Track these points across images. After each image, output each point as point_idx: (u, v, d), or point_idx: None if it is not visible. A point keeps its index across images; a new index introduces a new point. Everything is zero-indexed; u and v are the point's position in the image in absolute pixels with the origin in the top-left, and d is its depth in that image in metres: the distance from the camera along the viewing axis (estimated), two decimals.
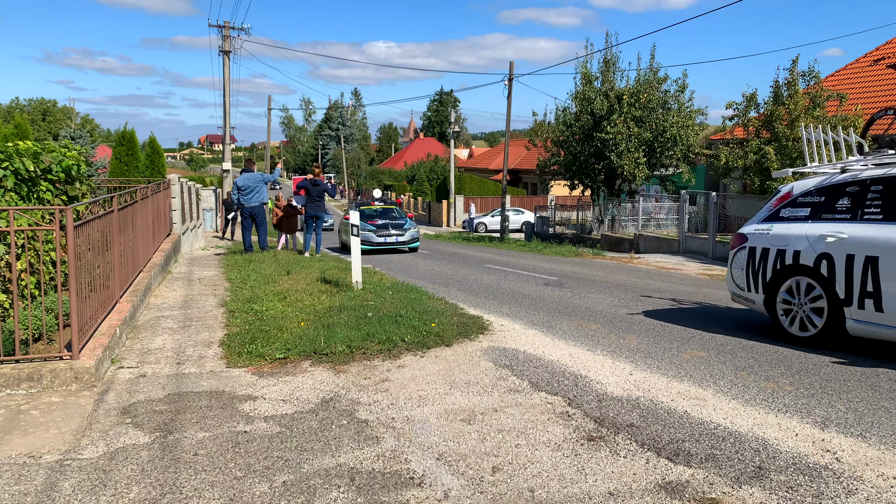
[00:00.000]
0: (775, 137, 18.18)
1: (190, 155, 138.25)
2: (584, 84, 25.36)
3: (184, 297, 9.62)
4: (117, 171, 23.62)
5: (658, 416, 4.60)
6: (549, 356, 6.28)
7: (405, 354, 6.25)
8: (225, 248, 18.12)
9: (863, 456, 3.91)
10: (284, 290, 9.39)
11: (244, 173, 15.01)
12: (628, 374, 5.66)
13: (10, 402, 4.91)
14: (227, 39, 30.88)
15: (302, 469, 3.79)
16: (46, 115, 79.97)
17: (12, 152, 7.02)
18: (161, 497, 3.46)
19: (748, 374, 5.67)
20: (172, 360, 6.14)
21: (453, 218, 46.58)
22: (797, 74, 18.67)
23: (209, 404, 4.91)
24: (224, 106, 31.24)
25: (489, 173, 59.72)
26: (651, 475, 3.68)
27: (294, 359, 6.09)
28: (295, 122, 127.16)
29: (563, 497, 3.45)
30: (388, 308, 8.04)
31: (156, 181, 14.95)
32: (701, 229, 20.09)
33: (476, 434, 4.31)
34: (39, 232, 5.86)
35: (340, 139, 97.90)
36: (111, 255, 7.14)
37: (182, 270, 12.76)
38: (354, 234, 9.99)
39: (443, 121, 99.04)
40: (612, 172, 24.67)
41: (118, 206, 7.69)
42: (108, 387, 5.32)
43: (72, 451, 4.07)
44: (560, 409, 4.80)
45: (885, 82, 22.84)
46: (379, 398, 5.04)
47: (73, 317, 5.32)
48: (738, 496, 3.42)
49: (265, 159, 56.98)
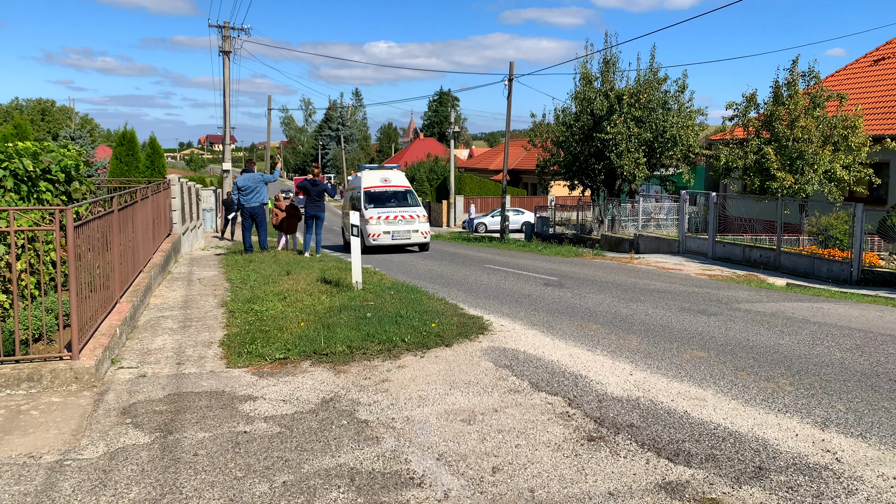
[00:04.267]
0: (775, 138, 18.16)
1: (190, 155, 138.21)
2: (583, 84, 25.34)
3: (184, 297, 9.62)
4: (117, 172, 23.61)
5: (658, 417, 4.60)
6: (550, 356, 6.27)
7: (405, 355, 6.25)
8: (225, 249, 18.12)
9: (863, 456, 3.91)
10: (284, 290, 9.39)
11: (244, 173, 15.02)
12: (628, 375, 5.66)
13: (10, 402, 4.91)
14: (227, 40, 30.88)
15: (302, 469, 3.79)
16: (46, 115, 79.91)
17: (12, 152, 7.02)
18: (161, 497, 3.46)
19: (748, 374, 5.67)
20: (172, 361, 6.14)
21: (453, 218, 46.58)
22: (797, 74, 18.66)
23: (209, 404, 4.91)
24: (224, 106, 31.24)
25: (489, 173, 59.71)
26: (651, 475, 3.68)
27: (294, 359, 6.08)
28: (295, 122, 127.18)
29: (564, 497, 3.45)
30: (389, 308, 8.04)
31: (156, 181, 14.95)
32: (701, 229, 20.08)
33: (476, 434, 4.31)
34: (39, 232, 5.86)
35: (340, 139, 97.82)
36: (111, 255, 7.14)
37: (182, 270, 12.76)
38: (354, 234, 9.98)
39: (443, 121, 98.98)
40: (612, 173, 24.66)
41: (118, 207, 7.69)
42: (108, 387, 5.32)
43: (72, 451, 4.07)
44: (560, 409, 4.80)
45: (885, 82, 22.84)
46: (379, 398, 5.04)
47: (73, 317, 5.32)
48: (738, 496, 3.42)
49: (265, 159, 57.00)
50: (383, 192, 20.58)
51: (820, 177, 17.72)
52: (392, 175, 21.48)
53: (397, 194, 20.79)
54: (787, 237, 16.55)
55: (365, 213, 19.43)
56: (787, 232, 16.72)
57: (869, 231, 15.02)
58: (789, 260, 15.79)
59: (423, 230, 19.71)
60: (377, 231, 19.26)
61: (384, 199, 20.34)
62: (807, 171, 17.54)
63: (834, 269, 14.63)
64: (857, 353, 6.42)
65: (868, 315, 8.71)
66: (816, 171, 17.50)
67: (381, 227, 19.28)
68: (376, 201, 20.15)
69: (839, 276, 14.40)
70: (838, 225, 15.42)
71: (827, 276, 14.62)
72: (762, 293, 11.02)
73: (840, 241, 15.13)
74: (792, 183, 17.53)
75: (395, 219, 19.40)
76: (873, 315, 8.66)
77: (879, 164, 19.19)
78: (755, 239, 17.93)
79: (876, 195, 20.43)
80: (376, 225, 19.33)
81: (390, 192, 20.67)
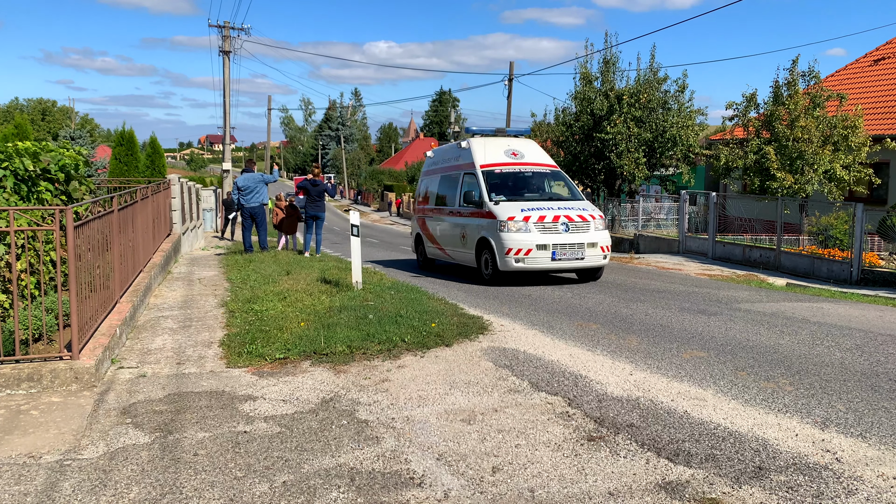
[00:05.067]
0: (775, 137, 18.17)
1: (190, 155, 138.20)
2: (583, 84, 25.34)
3: (184, 297, 9.62)
4: (117, 172, 23.61)
5: (658, 417, 4.60)
6: (549, 356, 6.28)
7: (405, 354, 6.25)
8: (225, 249, 18.12)
9: (863, 456, 3.91)
10: (284, 290, 9.39)
11: (244, 173, 15.04)
12: (628, 375, 5.66)
13: (10, 402, 4.91)
14: (227, 39, 30.90)
15: (302, 469, 3.79)
16: (46, 115, 79.95)
17: (12, 152, 7.02)
18: (161, 497, 3.46)
19: (748, 374, 5.67)
20: (172, 361, 6.14)
21: None
22: (797, 74, 18.67)
23: (209, 404, 4.91)
24: (224, 106, 31.26)
25: None
26: (651, 475, 3.68)
27: (294, 359, 6.09)
28: (295, 122, 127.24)
29: (563, 497, 3.45)
30: (389, 308, 8.04)
31: (156, 181, 14.96)
32: (701, 229, 20.08)
33: (476, 434, 4.31)
34: (39, 232, 5.86)
35: (340, 139, 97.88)
36: (111, 255, 7.14)
37: (182, 270, 12.76)
38: (354, 234, 9.98)
39: (443, 121, 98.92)
40: (611, 172, 24.67)
41: (118, 207, 7.69)
42: (108, 387, 5.32)
43: (72, 451, 4.07)
44: (560, 409, 4.80)
45: (885, 82, 22.84)
46: (379, 398, 5.04)
47: (73, 317, 5.32)
48: (738, 496, 3.42)
49: (265, 159, 57.02)
50: (517, 175, 12.53)
51: (820, 177, 17.73)
52: (524, 147, 13.21)
53: (540, 178, 12.82)
54: (787, 237, 16.56)
55: (495, 211, 11.41)
56: (787, 232, 16.72)
57: (869, 231, 15.02)
58: (789, 260, 15.79)
59: (604, 242, 11.44)
60: (524, 244, 10.92)
61: (519, 187, 12.41)
62: (807, 171, 17.54)
63: (834, 269, 14.63)
64: (857, 353, 6.42)
65: (868, 315, 8.71)
66: (816, 171, 17.51)
67: (531, 238, 10.96)
68: (506, 190, 12.04)
69: (839, 276, 14.41)
70: (838, 225, 15.42)
71: (827, 276, 14.63)
72: (762, 293, 11.02)
73: (840, 241, 15.13)
74: (792, 183, 17.54)
75: (553, 221, 11.13)
76: (873, 315, 8.66)
77: (879, 164, 19.20)
78: (755, 239, 17.93)
79: (876, 195, 20.44)
80: (521, 233, 11.00)
81: (527, 174, 12.66)
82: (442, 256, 13.75)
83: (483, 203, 11.76)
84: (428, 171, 15.00)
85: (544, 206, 11.54)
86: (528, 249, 10.92)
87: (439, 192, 13.84)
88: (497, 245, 11.15)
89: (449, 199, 13.28)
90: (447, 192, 13.42)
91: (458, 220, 12.65)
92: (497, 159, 12.58)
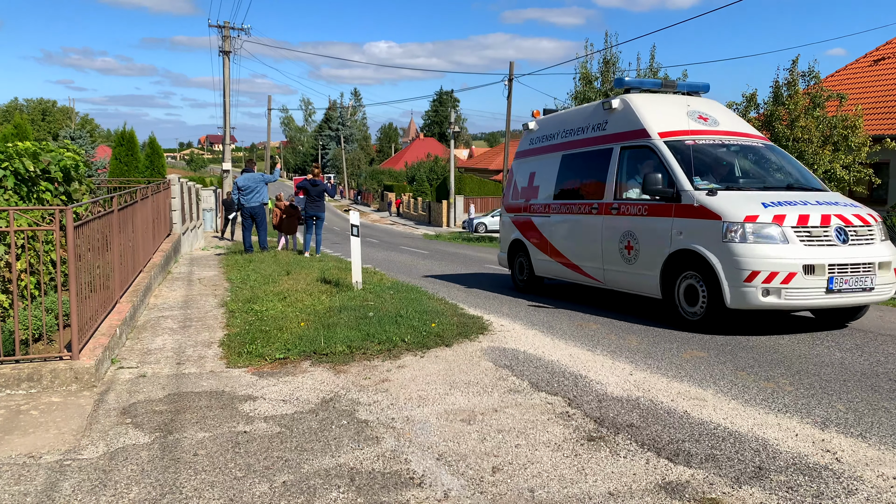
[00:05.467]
0: (775, 138, 18.17)
1: (190, 155, 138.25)
2: (583, 84, 25.33)
3: (184, 297, 9.62)
4: (117, 172, 23.60)
5: (658, 417, 4.60)
6: (549, 356, 6.28)
7: (405, 355, 6.25)
8: (225, 249, 18.12)
9: (863, 456, 3.91)
10: (284, 290, 9.39)
11: (245, 173, 15.05)
12: (628, 375, 5.66)
13: (10, 402, 4.91)
14: (227, 40, 30.89)
15: (302, 469, 3.79)
16: (46, 115, 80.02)
17: (12, 153, 7.02)
18: (161, 497, 3.46)
19: (748, 374, 5.67)
20: (172, 361, 6.14)
21: (453, 218, 46.57)
22: (797, 74, 18.67)
23: (209, 404, 4.91)
24: (224, 106, 31.25)
25: (489, 173, 59.76)
26: (651, 475, 3.68)
27: (294, 359, 6.09)
28: (295, 122, 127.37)
29: (563, 497, 3.45)
30: (388, 308, 8.04)
31: (156, 181, 14.97)
32: None
33: (476, 434, 4.31)
34: (39, 232, 5.86)
35: (340, 139, 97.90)
36: (111, 255, 7.14)
37: (182, 270, 12.76)
38: (354, 234, 9.98)
39: (443, 121, 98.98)
40: None
41: (118, 207, 7.69)
42: (108, 387, 5.32)
43: (72, 451, 4.07)
44: (560, 409, 4.80)
45: (885, 82, 22.84)
46: (379, 398, 5.04)
47: (73, 317, 5.32)
48: (738, 496, 3.42)
49: (265, 159, 57.02)
50: (726, 149, 8.45)
51: (820, 177, 17.72)
52: (711, 108, 9.01)
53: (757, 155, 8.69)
54: None
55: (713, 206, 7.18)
56: None
57: None
58: None
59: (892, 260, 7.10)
60: (782, 263, 6.67)
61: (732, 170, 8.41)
62: None
63: None
64: (857, 353, 6.42)
65: (868, 315, 8.71)
66: (816, 171, 17.51)
67: (792, 253, 6.72)
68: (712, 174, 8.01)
69: None
70: None
71: None
72: None
73: None
74: None
75: (822, 224, 6.90)
76: (873, 315, 8.65)
77: (879, 164, 19.19)
78: None
79: (876, 195, 20.44)
80: (772, 244, 6.77)
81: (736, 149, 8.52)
82: (568, 276, 9.74)
83: (681, 192, 7.54)
84: (529, 149, 10.94)
85: (796, 200, 7.20)
86: (790, 274, 6.63)
87: (563, 180, 9.83)
88: (725, 264, 6.92)
89: (588, 190, 9.20)
90: (584, 179, 9.37)
91: (616, 222, 8.50)
92: (680, 125, 8.31)
